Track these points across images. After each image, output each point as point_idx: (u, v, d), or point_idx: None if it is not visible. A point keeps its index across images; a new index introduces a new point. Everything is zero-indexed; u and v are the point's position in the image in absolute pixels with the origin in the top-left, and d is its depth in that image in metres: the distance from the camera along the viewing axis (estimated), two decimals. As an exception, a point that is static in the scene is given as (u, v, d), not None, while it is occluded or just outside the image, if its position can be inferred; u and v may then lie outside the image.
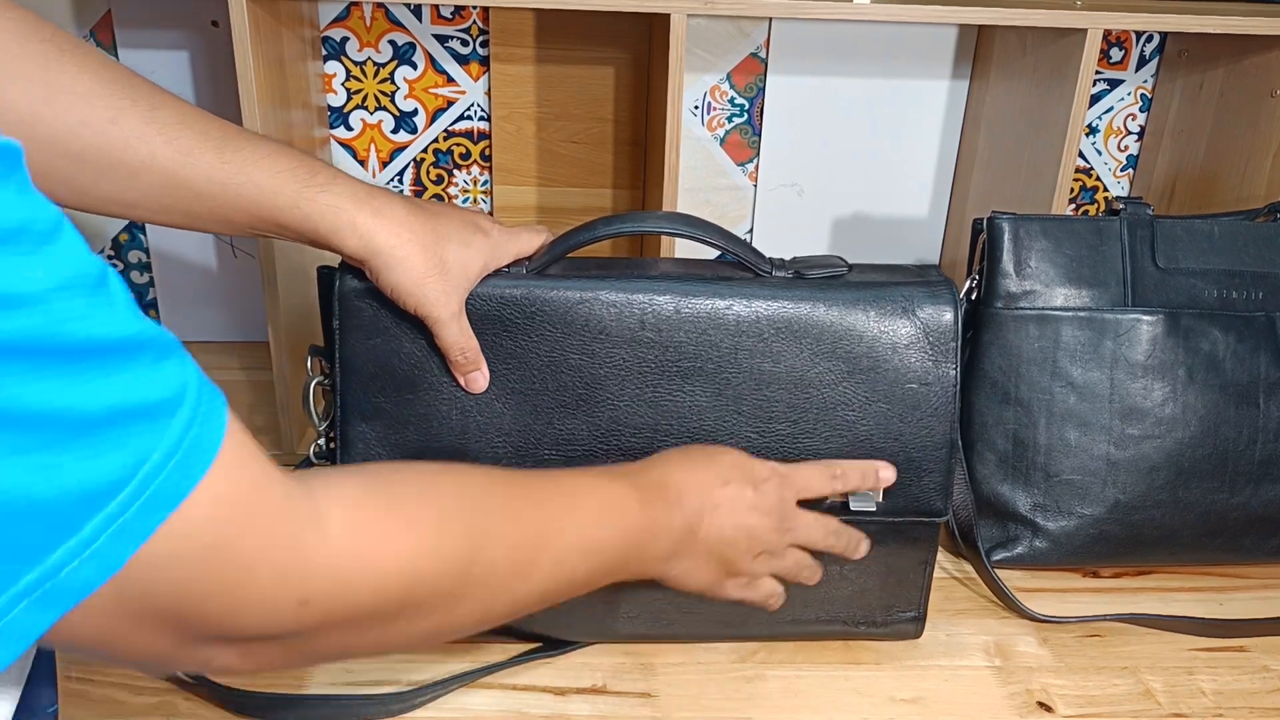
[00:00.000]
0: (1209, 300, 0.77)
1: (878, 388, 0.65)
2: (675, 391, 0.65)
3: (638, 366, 0.64)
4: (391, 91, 1.04)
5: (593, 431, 0.65)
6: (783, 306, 0.64)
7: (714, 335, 0.64)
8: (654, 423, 0.65)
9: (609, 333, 0.64)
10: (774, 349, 0.65)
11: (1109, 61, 1.08)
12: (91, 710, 0.63)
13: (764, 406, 0.65)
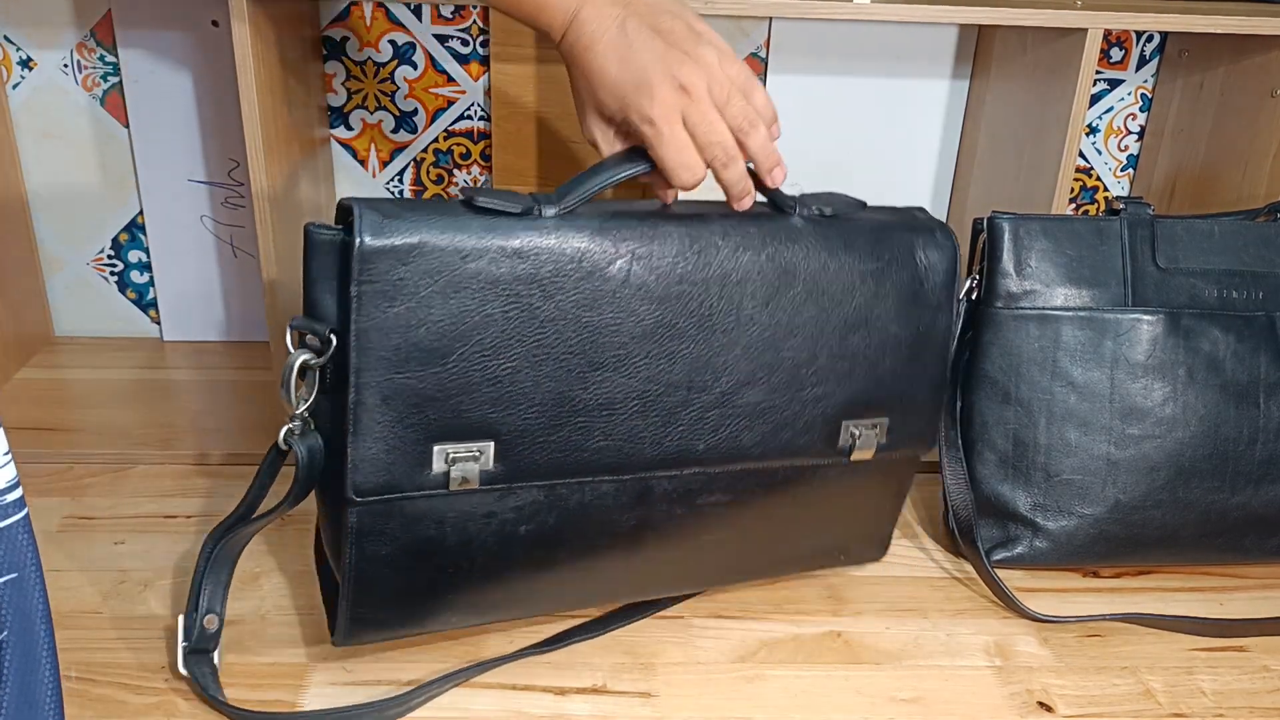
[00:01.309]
0: (1209, 300, 0.77)
1: (889, 330, 0.67)
2: (704, 345, 0.63)
3: (670, 321, 0.62)
4: (392, 91, 1.04)
5: (628, 394, 0.62)
6: (812, 252, 0.64)
7: (746, 286, 0.63)
8: (688, 379, 0.63)
9: (644, 287, 0.61)
10: (802, 295, 0.64)
11: (1109, 61, 1.08)
12: (91, 709, 0.63)
13: (793, 354, 0.65)
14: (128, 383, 1.02)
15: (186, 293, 1.09)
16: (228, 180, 1.04)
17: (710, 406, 0.64)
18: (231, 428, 0.93)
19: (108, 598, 0.73)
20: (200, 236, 1.06)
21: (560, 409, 0.61)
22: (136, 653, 0.68)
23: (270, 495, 0.64)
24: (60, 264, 1.08)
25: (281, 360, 0.88)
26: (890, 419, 0.69)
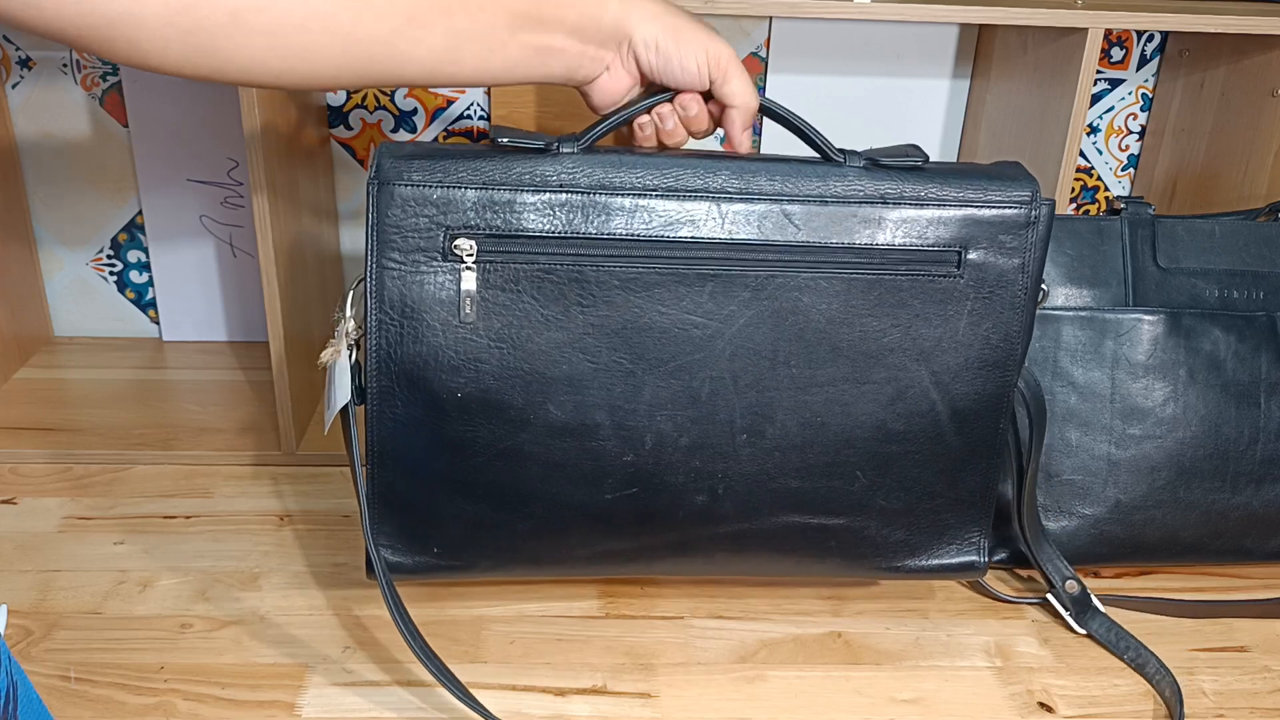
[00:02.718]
0: (1210, 300, 0.77)
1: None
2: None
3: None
4: (391, 91, 1.03)
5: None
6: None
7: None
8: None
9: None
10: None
11: (1110, 61, 1.07)
12: (90, 710, 0.63)
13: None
14: (127, 383, 1.02)
15: (186, 293, 1.09)
16: (227, 180, 1.04)
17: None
18: (231, 428, 0.93)
19: (107, 598, 0.72)
20: (199, 236, 1.06)
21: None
22: (136, 653, 0.67)
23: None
24: (59, 264, 1.08)
25: (281, 360, 0.88)
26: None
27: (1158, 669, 0.69)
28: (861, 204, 0.62)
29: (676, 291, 0.62)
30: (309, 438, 0.92)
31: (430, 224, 0.60)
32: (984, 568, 0.72)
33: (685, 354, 0.63)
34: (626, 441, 0.64)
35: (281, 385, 0.87)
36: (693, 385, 0.63)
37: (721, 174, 0.61)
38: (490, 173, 0.60)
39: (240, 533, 0.80)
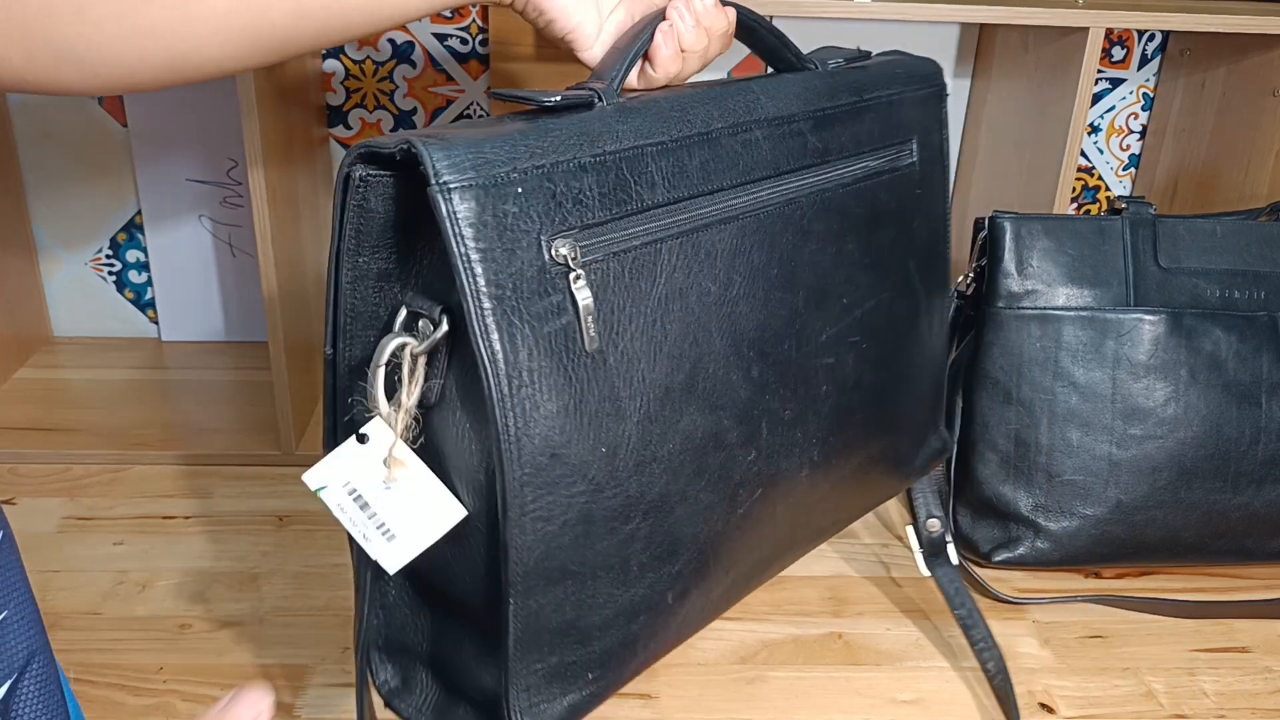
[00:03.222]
0: (1211, 300, 0.77)
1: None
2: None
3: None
4: (391, 90, 1.03)
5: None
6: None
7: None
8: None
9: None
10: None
11: (1111, 60, 1.07)
12: (89, 710, 0.62)
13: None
14: (126, 383, 1.01)
15: (185, 293, 1.09)
16: (226, 180, 1.04)
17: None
18: (230, 428, 0.93)
19: (106, 598, 0.72)
20: (199, 236, 1.06)
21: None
22: (135, 654, 0.67)
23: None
24: (58, 264, 1.08)
25: (280, 361, 0.88)
26: None
27: (984, 638, 0.68)
28: (851, 109, 0.61)
29: (755, 238, 0.55)
30: (308, 438, 0.92)
31: (526, 238, 0.45)
32: (951, 443, 0.75)
33: (774, 309, 0.57)
34: (749, 438, 0.57)
35: (281, 385, 0.87)
36: (783, 349, 0.57)
37: (760, 101, 0.57)
38: (554, 150, 0.47)
39: (239, 533, 0.80)
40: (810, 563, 0.79)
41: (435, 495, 0.47)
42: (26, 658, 0.43)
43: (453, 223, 0.43)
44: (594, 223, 0.48)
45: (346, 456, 0.47)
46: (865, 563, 0.80)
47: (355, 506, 0.48)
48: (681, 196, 0.52)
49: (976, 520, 0.79)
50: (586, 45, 0.58)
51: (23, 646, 0.43)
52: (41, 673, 0.43)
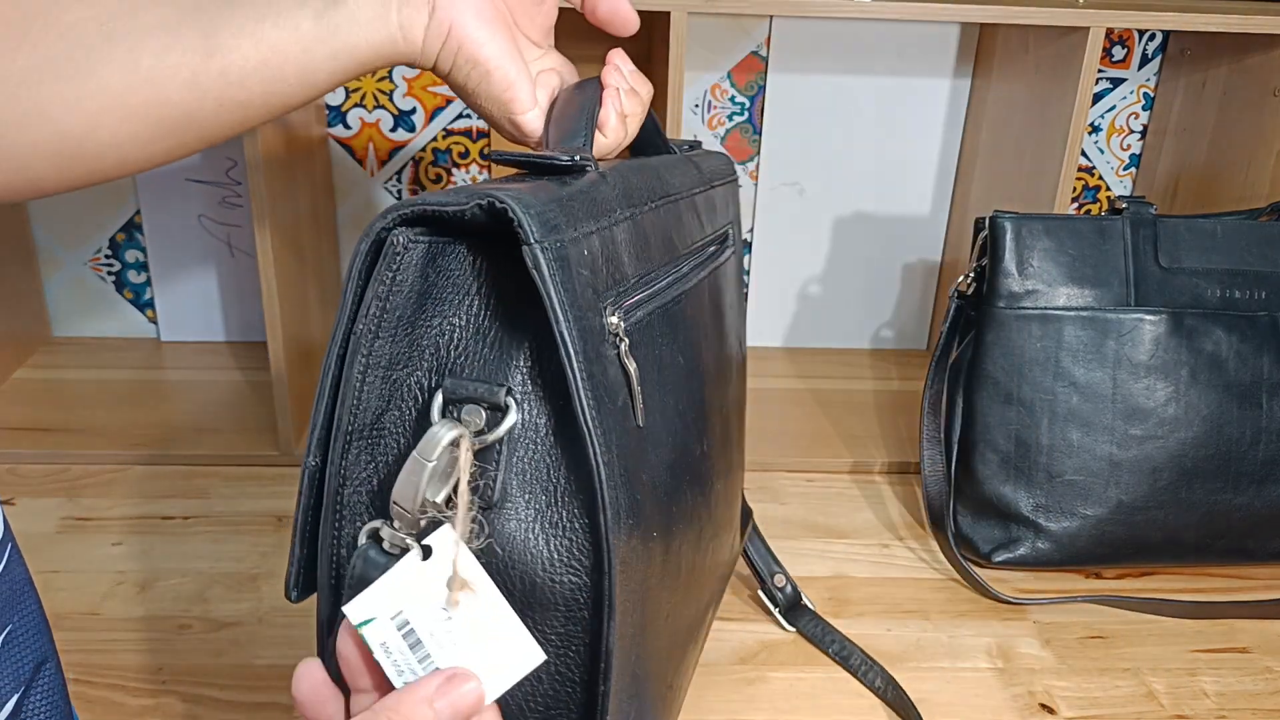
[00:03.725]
0: (1212, 300, 0.77)
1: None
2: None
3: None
4: (390, 90, 1.03)
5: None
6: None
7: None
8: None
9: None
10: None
11: (1111, 60, 1.07)
12: (88, 711, 0.62)
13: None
14: (125, 383, 1.01)
15: (184, 293, 1.09)
16: (225, 179, 1.04)
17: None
18: (229, 428, 0.93)
19: (105, 599, 0.72)
20: (198, 236, 1.06)
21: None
22: (134, 654, 0.67)
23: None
24: (57, 264, 1.08)
25: (279, 361, 0.88)
26: None
27: (863, 661, 0.68)
28: (703, 191, 0.60)
29: (697, 305, 0.55)
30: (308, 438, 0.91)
31: (593, 306, 0.42)
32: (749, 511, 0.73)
33: (704, 383, 0.56)
34: (706, 515, 0.56)
35: (280, 385, 0.87)
36: (715, 420, 0.57)
37: (682, 173, 0.57)
38: (597, 214, 0.44)
39: (239, 533, 0.80)
40: (811, 563, 0.79)
41: (509, 631, 0.38)
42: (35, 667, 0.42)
43: (554, 284, 0.39)
44: (625, 289, 0.45)
45: (402, 578, 0.38)
46: (865, 563, 0.80)
47: (404, 645, 0.38)
48: (667, 262, 0.51)
49: (977, 520, 0.79)
50: (525, 106, 0.52)
51: (30, 658, 0.43)
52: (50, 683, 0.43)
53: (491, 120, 0.54)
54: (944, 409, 0.80)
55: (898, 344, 1.16)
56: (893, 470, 0.92)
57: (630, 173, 0.50)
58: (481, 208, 0.39)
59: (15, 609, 0.42)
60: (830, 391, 1.05)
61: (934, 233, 1.11)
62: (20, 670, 0.42)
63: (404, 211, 0.41)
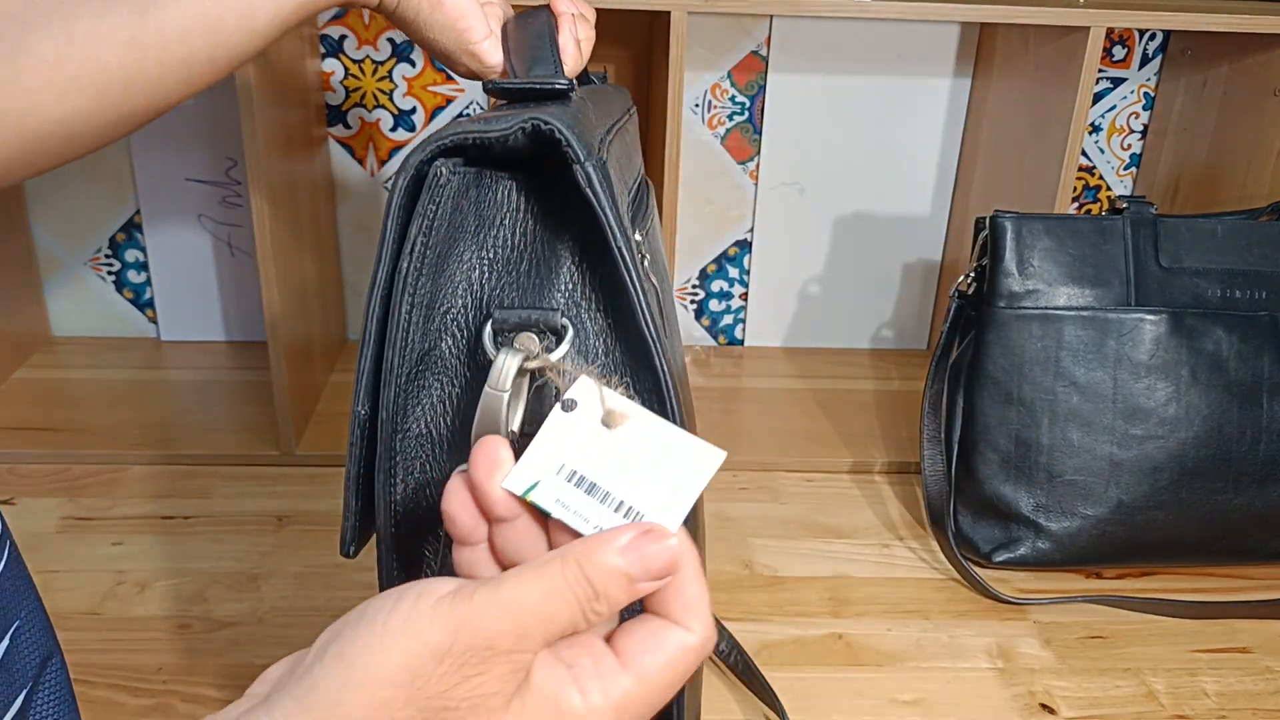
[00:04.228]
0: (1212, 300, 0.77)
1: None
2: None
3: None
4: (390, 89, 1.03)
5: None
6: None
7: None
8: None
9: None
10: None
11: (1112, 59, 1.07)
12: (88, 711, 0.62)
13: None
14: (125, 383, 1.01)
15: (184, 292, 1.08)
16: (225, 179, 1.04)
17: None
18: (229, 428, 0.93)
19: (105, 599, 0.72)
20: (198, 236, 1.06)
21: None
22: (134, 654, 0.67)
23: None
24: (57, 264, 1.08)
25: (279, 360, 0.88)
26: None
27: (728, 642, 0.68)
28: (629, 119, 0.58)
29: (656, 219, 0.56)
30: (308, 438, 0.91)
31: (626, 217, 0.44)
32: None
33: (666, 286, 0.57)
34: None
35: (280, 385, 0.87)
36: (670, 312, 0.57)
37: (612, 100, 0.55)
38: (600, 126, 0.45)
39: (239, 533, 0.80)
40: (811, 563, 0.79)
41: (679, 443, 0.37)
42: (41, 663, 0.42)
43: (606, 201, 0.39)
44: (627, 209, 0.45)
45: (553, 436, 0.37)
46: (866, 563, 0.80)
47: (579, 493, 0.37)
48: (636, 188, 0.51)
49: (977, 520, 0.79)
50: (481, 34, 0.51)
51: (37, 653, 0.43)
52: (56, 677, 0.43)
53: (445, 54, 0.52)
54: (944, 409, 0.80)
55: (898, 344, 1.16)
56: (893, 470, 0.92)
57: (589, 97, 0.49)
58: (525, 131, 0.39)
59: (20, 605, 0.42)
60: (830, 391, 1.05)
61: (934, 232, 1.11)
62: (28, 666, 0.42)
63: (444, 141, 0.39)
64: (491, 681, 0.32)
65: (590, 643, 0.34)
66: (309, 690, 0.32)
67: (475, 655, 0.32)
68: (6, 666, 0.41)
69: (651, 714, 0.35)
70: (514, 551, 0.36)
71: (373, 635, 0.32)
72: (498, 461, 0.36)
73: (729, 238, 1.11)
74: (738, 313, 1.14)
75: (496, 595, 0.32)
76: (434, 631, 0.32)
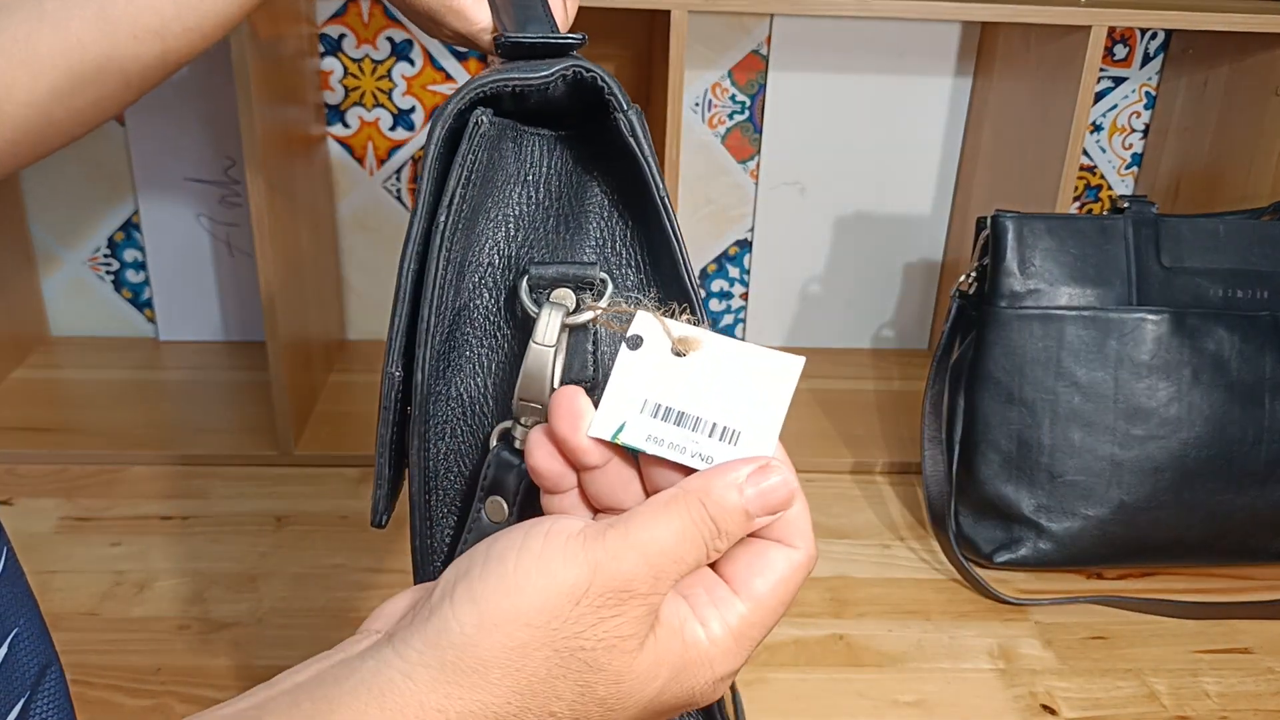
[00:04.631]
0: (1214, 299, 0.77)
1: None
2: None
3: None
4: (389, 89, 1.03)
5: None
6: None
7: None
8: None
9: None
10: None
11: (1113, 59, 1.07)
12: (86, 713, 0.62)
13: None
14: (124, 383, 1.01)
15: (183, 292, 1.08)
16: (224, 179, 1.04)
17: None
18: (228, 428, 0.93)
19: (104, 599, 0.72)
20: (197, 235, 1.06)
21: None
22: (132, 655, 0.67)
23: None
24: (56, 263, 1.08)
25: (278, 360, 0.88)
26: None
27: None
28: None
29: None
30: (306, 438, 0.91)
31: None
32: None
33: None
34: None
35: (279, 385, 0.87)
36: None
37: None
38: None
39: (238, 534, 0.80)
40: (811, 563, 0.79)
41: (757, 358, 0.37)
42: (40, 671, 0.42)
43: (649, 149, 0.39)
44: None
45: (626, 376, 0.37)
46: (866, 564, 0.80)
47: (669, 426, 0.36)
48: None
49: (978, 521, 0.79)
50: None
51: (35, 661, 0.42)
52: (54, 686, 0.43)
53: (429, 13, 0.51)
54: (945, 409, 0.80)
55: (899, 344, 1.16)
56: (894, 470, 0.92)
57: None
58: (566, 79, 0.38)
59: (19, 612, 0.42)
60: (831, 391, 1.05)
61: (935, 232, 1.11)
62: (26, 674, 0.42)
63: (484, 88, 0.38)
64: (628, 623, 0.32)
65: (701, 572, 0.35)
66: (440, 631, 0.32)
67: (613, 597, 0.32)
68: (5, 674, 0.41)
69: (765, 635, 0.35)
70: (607, 494, 0.36)
71: (505, 575, 0.32)
72: (579, 411, 0.35)
73: (729, 237, 1.11)
74: (738, 313, 1.14)
75: (629, 537, 0.32)
76: (568, 572, 0.32)
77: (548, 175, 0.42)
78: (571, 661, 0.32)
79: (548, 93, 0.39)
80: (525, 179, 0.41)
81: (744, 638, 0.34)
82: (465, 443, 0.42)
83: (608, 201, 0.42)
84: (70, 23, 0.44)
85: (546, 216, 0.41)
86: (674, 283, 0.41)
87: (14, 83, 0.44)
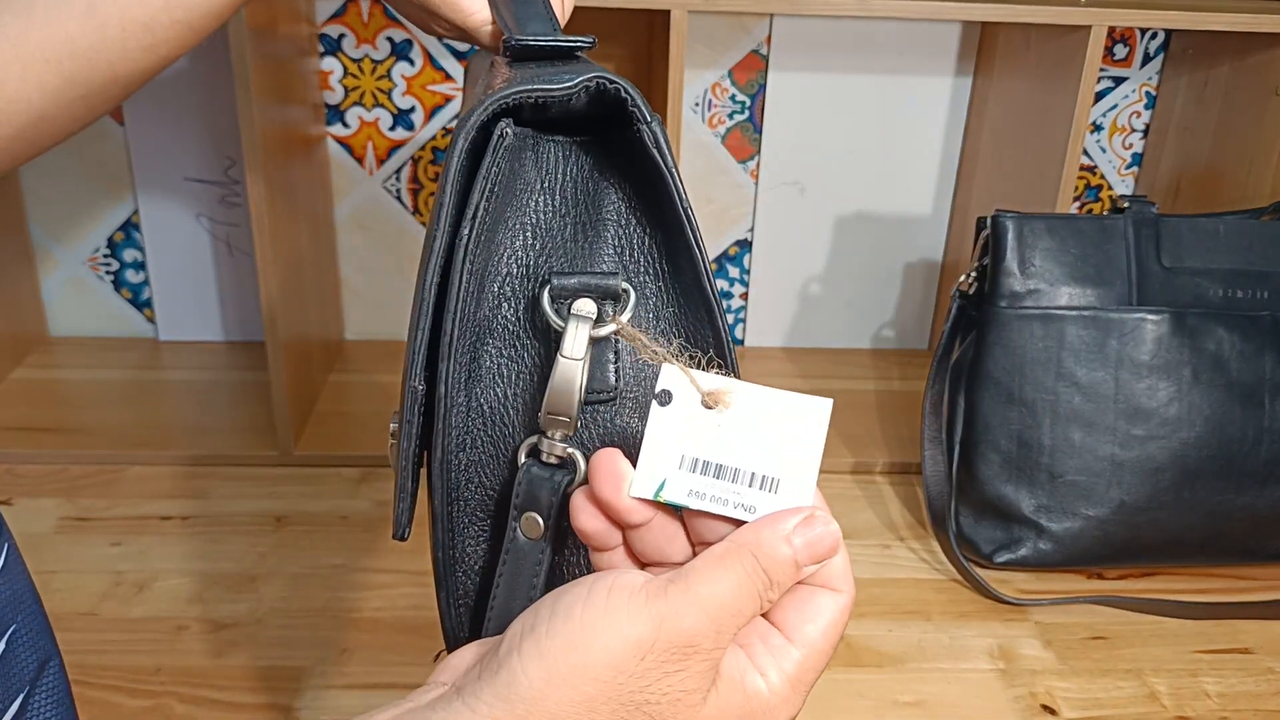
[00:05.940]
0: (1214, 299, 0.77)
1: None
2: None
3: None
4: (389, 88, 1.03)
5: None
6: None
7: None
8: None
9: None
10: None
11: (1113, 58, 1.07)
12: (86, 712, 0.62)
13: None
14: (123, 383, 1.01)
15: (182, 292, 1.08)
16: (224, 179, 1.04)
17: None
18: (227, 428, 0.93)
19: (103, 599, 0.72)
20: (196, 235, 1.06)
21: None
22: (132, 655, 0.67)
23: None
24: (55, 263, 1.08)
25: (277, 360, 0.88)
26: None
27: None
28: None
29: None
30: (306, 438, 0.91)
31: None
32: None
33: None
34: None
35: (278, 385, 0.87)
36: None
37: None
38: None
39: (237, 534, 0.80)
40: (811, 564, 0.79)
41: (786, 404, 0.38)
42: (39, 667, 0.42)
43: (672, 161, 0.39)
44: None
45: (660, 434, 0.37)
46: (867, 564, 0.80)
47: (709, 479, 0.37)
48: None
49: (979, 521, 0.79)
50: None
51: (34, 657, 0.42)
52: (54, 681, 0.43)
53: (424, 6, 0.50)
54: (945, 409, 0.80)
55: (899, 344, 1.16)
56: (894, 470, 0.92)
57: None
58: (588, 90, 0.39)
59: (18, 608, 0.42)
60: (830, 391, 1.04)
61: (935, 232, 1.11)
62: (25, 670, 0.42)
63: (507, 100, 0.38)
64: (692, 678, 0.33)
65: (755, 622, 0.36)
66: (508, 684, 0.32)
67: (678, 653, 0.32)
68: (3, 670, 0.41)
69: (818, 679, 0.36)
70: (653, 549, 0.37)
71: (571, 630, 0.32)
72: (620, 473, 0.36)
73: (729, 237, 1.10)
74: (738, 313, 1.14)
75: (690, 592, 0.33)
76: (634, 628, 0.32)
77: (564, 182, 0.41)
78: (637, 715, 0.32)
79: (570, 104, 0.39)
80: (543, 187, 0.41)
81: (800, 683, 0.35)
82: (486, 453, 0.42)
83: (625, 208, 0.42)
84: (60, 18, 0.44)
85: (564, 224, 0.41)
86: (695, 293, 0.41)
87: (5, 79, 0.44)
